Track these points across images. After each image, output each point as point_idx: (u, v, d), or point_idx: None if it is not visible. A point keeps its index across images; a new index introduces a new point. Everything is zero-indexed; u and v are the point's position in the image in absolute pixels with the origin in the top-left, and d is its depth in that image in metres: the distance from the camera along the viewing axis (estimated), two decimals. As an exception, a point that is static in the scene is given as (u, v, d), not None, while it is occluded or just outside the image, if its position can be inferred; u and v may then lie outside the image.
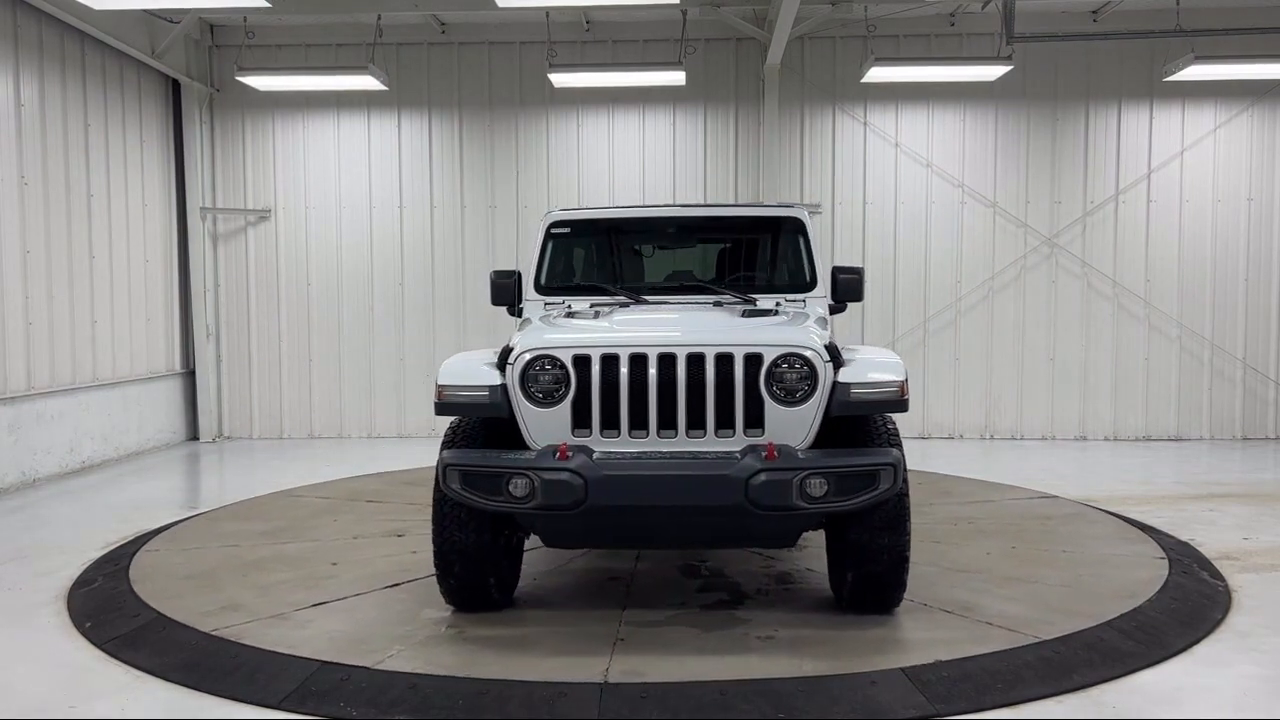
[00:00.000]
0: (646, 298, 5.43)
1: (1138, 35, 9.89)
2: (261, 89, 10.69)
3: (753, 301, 5.38)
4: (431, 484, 7.56)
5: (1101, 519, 6.96)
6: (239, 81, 10.41)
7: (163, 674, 4.20)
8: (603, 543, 4.92)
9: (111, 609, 5.03)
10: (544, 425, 4.35)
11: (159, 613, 4.88)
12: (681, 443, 4.33)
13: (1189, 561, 5.74)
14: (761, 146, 10.83)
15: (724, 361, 4.33)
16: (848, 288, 5.51)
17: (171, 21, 10.14)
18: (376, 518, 6.93)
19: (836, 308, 5.62)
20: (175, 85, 10.99)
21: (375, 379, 11.36)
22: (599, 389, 4.32)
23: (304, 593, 5.21)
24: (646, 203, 10.89)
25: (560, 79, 10.24)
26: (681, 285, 5.72)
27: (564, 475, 4.07)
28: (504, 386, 4.41)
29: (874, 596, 4.72)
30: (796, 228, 5.82)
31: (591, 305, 5.38)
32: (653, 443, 4.33)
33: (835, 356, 4.43)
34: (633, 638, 4.51)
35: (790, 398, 4.34)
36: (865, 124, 10.98)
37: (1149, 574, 5.52)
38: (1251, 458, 9.83)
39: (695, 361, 4.33)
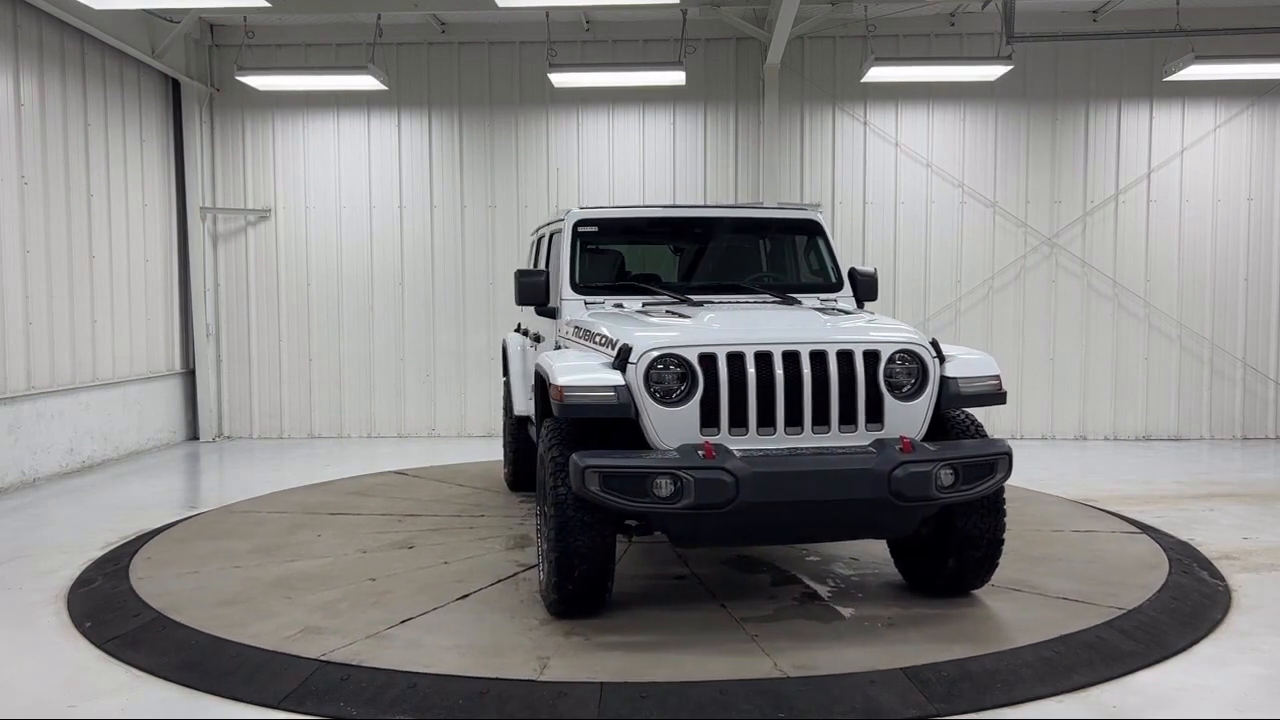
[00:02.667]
0: (691, 296, 5.51)
1: (1138, 35, 9.90)
2: (261, 89, 10.69)
3: (798, 301, 5.57)
4: (378, 495, 7.57)
5: (1055, 501, 7.34)
6: (239, 81, 10.41)
7: (163, 674, 4.19)
8: (735, 540, 4.92)
9: (111, 609, 5.03)
10: (671, 425, 4.35)
11: (228, 639, 4.53)
12: (807, 439, 4.43)
13: (1189, 561, 5.75)
14: (761, 146, 10.83)
15: (845, 359, 4.46)
16: (865, 287, 5.85)
17: (171, 21, 10.14)
18: (362, 531, 6.54)
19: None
20: (175, 85, 10.99)
21: (375, 379, 11.36)
22: (727, 387, 4.36)
23: (374, 611, 4.87)
24: (646, 202, 10.89)
25: (560, 79, 10.24)
26: (720, 284, 5.84)
27: (717, 474, 4.10)
28: (627, 386, 4.38)
29: (969, 580, 4.92)
30: (819, 229, 6.09)
31: (644, 305, 5.44)
32: (780, 439, 4.40)
33: (939, 352, 4.60)
34: (765, 634, 4.53)
35: (903, 392, 4.52)
36: (865, 124, 10.98)
37: (1145, 548, 5.93)
38: (1251, 457, 9.83)
39: (818, 359, 4.43)
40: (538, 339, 6.47)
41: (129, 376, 10.15)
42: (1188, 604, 4.96)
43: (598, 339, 4.90)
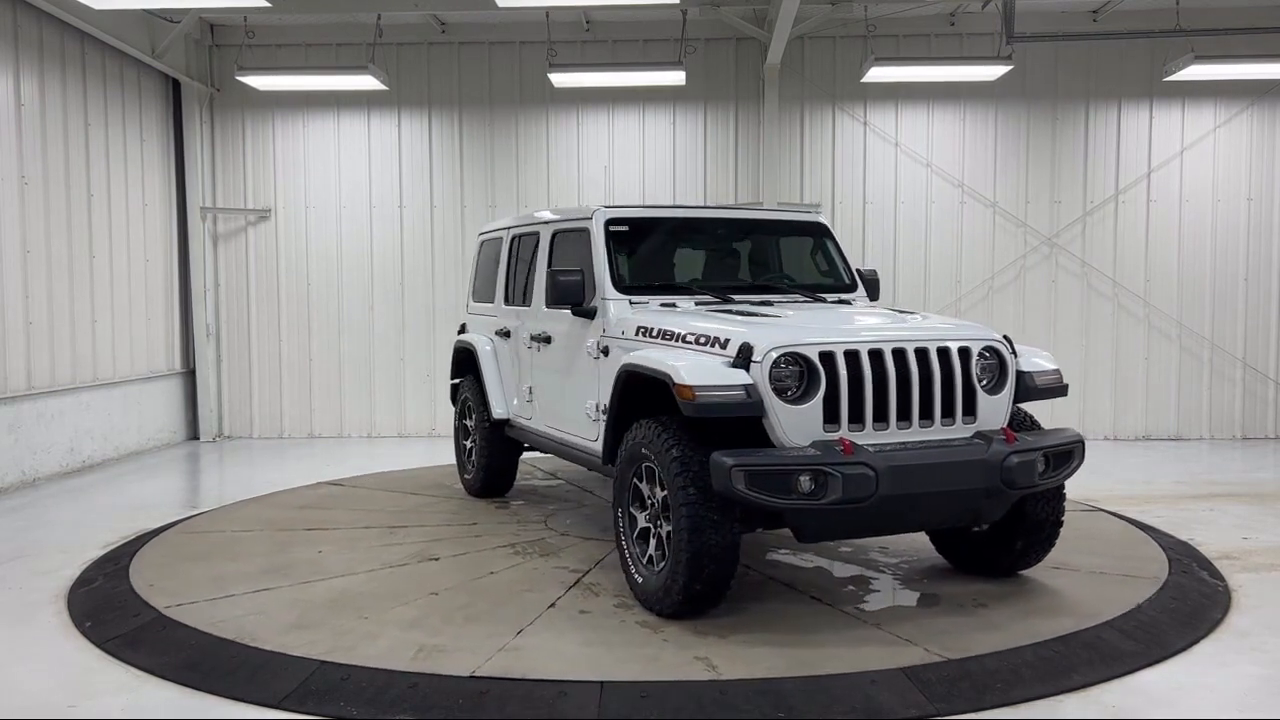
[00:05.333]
0: (732, 296, 5.65)
1: (1138, 35, 9.90)
2: (261, 89, 10.69)
3: (848, 302, 5.89)
4: (335, 508, 7.27)
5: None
6: (239, 81, 10.41)
7: (163, 674, 4.20)
8: (857, 533, 4.98)
9: (111, 608, 5.03)
10: (797, 421, 4.42)
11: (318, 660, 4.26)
12: (914, 433, 4.57)
13: (1189, 561, 5.75)
14: (761, 146, 10.83)
15: (944, 355, 4.67)
16: (872, 287, 6.18)
17: (171, 21, 10.14)
18: (364, 545, 6.09)
19: None
20: (175, 85, 10.99)
21: (375, 379, 11.36)
22: (848, 384, 4.48)
23: (476, 625, 4.63)
24: (646, 202, 10.90)
25: (560, 79, 10.24)
26: (752, 285, 6.05)
27: (860, 469, 4.21)
28: (754, 385, 4.42)
29: (1031, 560, 5.23)
30: (828, 232, 6.35)
31: (698, 305, 5.54)
32: (893, 434, 4.55)
33: (1013, 348, 4.94)
34: (886, 622, 4.65)
35: (989, 386, 4.79)
36: (865, 124, 10.98)
37: (1145, 541, 6.24)
38: (1251, 457, 9.83)
39: (922, 356, 4.62)
40: (546, 340, 6.36)
41: (129, 376, 10.15)
42: (1188, 604, 4.97)
43: (693, 338, 4.80)
